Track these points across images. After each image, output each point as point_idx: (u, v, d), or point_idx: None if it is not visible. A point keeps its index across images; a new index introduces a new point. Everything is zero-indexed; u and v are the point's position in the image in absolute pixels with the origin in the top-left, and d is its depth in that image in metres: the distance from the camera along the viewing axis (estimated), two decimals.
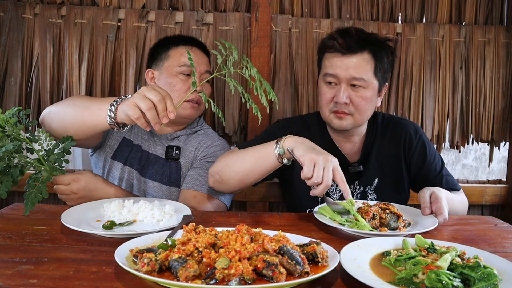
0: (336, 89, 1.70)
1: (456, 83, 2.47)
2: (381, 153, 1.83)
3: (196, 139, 1.95)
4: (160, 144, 1.91)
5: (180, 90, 1.86)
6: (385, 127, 1.87)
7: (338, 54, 1.69)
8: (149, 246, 1.07)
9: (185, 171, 1.88)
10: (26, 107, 2.37)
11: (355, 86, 1.69)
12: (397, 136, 1.84)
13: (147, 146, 1.91)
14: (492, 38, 2.46)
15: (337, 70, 1.68)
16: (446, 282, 0.89)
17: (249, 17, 2.38)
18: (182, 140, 1.93)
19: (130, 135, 1.92)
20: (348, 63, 1.68)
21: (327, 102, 1.74)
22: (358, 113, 1.72)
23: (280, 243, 0.98)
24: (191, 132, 1.97)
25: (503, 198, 2.53)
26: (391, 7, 2.47)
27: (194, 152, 1.91)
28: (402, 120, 1.93)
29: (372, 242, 1.17)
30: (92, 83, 2.37)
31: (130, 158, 1.88)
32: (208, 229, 1.09)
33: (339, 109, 1.71)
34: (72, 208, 1.43)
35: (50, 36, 2.34)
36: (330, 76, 1.70)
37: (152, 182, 1.86)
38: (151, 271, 0.90)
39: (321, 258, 1.00)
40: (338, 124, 1.73)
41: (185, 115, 1.88)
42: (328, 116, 1.76)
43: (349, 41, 1.68)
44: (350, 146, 1.86)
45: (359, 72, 1.67)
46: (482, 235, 1.40)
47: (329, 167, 1.34)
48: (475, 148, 3.29)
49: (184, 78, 1.87)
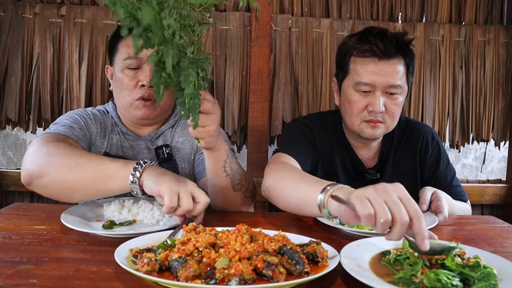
0: (370, 96, 1.55)
1: (456, 82, 2.48)
2: (397, 160, 1.74)
3: (184, 130, 1.74)
4: (146, 148, 1.70)
5: (128, 87, 1.58)
6: (401, 132, 1.77)
7: (374, 59, 1.53)
8: (149, 246, 1.07)
9: (183, 166, 1.72)
10: (26, 106, 2.37)
11: (391, 93, 1.55)
12: (414, 142, 1.75)
13: (132, 154, 1.69)
14: (492, 38, 2.46)
15: (374, 77, 1.52)
16: (445, 281, 0.89)
17: (249, 16, 2.38)
18: (168, 135, 1.73)
19: (110, 149, 1.69)
20: (386, 69, 1.52)
21: (359, 111, 1.57)
22: (390, 120, 1.60)
23: (280, 243, 0.98)
24: (174, 122, 1.76)
25: (503, 198, 2.53)
26: (391, 7, 2.47)
27: (190, 145, 1.73)
28: (419, 124, 1.82)
29: (372, 242, 1.17)
30: (92, 82, 2.37)
31: None
32: (208, 229, 1.09)
33: (374, 118, 1.56)
34: (72, 208, 1.42)
35: (50, 35, 2.34)
36: (365, 85, 1.54)
37: None
38: (151, 271, 0.90)
39: (321, 258, 0.99)
40: (371, 134, 1.59)
41: (139, 116, 1.61)
42: (358, 126, 1.60)
43: (388, 45, 1.52)
44: (367, 151, 1.75)
45: (396, 78, 1.53)
46: (482, 235, 1.39)
47: (392, 197, 0.93)
48: (475, 147, 3.29)
49: (132, 73, 1.58)
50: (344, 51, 1.63)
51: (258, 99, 2.37)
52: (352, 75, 1.58)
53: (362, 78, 1.54)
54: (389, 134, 1.74)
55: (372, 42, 1.53)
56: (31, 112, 2.38)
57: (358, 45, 1.56)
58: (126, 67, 1.59)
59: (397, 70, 1.53)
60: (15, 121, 2.37)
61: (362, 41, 1.55)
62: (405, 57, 1.56)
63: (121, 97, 1.63)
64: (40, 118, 2.39)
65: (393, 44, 1.52)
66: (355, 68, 1.57)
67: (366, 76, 1.53)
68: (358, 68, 1.56)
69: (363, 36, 1.57)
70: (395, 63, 1.53)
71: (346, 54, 1.61)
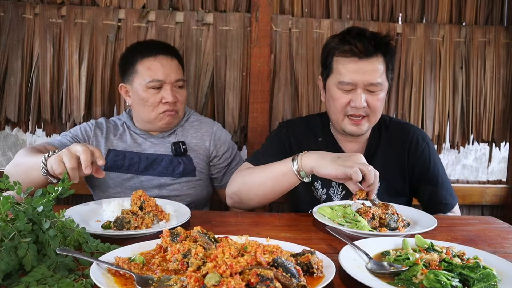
0: (352, 94, 1.65)
1: (457, 83, 2.47)
2: (385, 157, 1.78)
3: (197, 133, 1.97)
4: (158, 144, 1.93)
5: (153, 104, 1.86)
6: (390, 132, 1.83)
7: (354, 58, 1.63)
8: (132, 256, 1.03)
9: (198, 162, 1.93)
10: (26, 107, 2.37)
11: (371, 90, 1.65)
12: (402, 141, 1.80)
13: (144, 148, 1.93)
14: (492, 38, 2.45)
15: (355, 76, 1.63)
16: (445, 282, 0.89)
17: (249, 17, 2.38)
18: (179, 134, 1.96)
19: (117, 145, 1.93)
20: (365, 67, 1.63)
21: (342, 107, 1.68)
22: (373, 115, 1.69)
23: (273, 254, 0.92)
24: (182, 122, 2.00)
25: (503, 199, 2.53)
26: (391, 7, 2.47)
27: (204, 144, 1.96)
28: (408, 125, 1.90)
29: (372, 242, 1.17)
30: (92, 83, 2.37)
31: (127, 165, 1.88)
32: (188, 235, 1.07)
33: (356, 113, 1.67)
34: (72, 208, 1.43)
35: (50, 36, 2.34)
36: (347, 84, 1.65)
37: (163, 178, 1.88)
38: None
39: (316, 269, 0.96)
40: (354, 130, 1.70)
41: (164, 125, 1.91)
42: (342, 121, 1.71)
43: (367, 45, 1.62)
44: (355, 147, 1.82)
45: (376, 76, 1.63)
46: (482, 235, 1.39)
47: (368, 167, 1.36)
48: (475, 148, 3.29)
49: (155, 92, 1.85)
50: (327, 51, 1.73)
51: (258, 99, 2.37)
52: (335, 74, 1.68)
53: (344, 77, 1.65)
54: (376, 132, 1.82)
55: (351, 43, 1.62)
56: (30, 113, 2.38)
57: (339, 45, 1.66)
58: (150, 88, 1.84)
59: (377, 69, 1.64)
60: (15, 122, 2.37)
61: (342, 42, 1.65)
62: (385, 55, 1.66)
63: (145, 113, 1.89)
64: (39, 119, 2.39)
65: (371, 44, 1.62)
66: (337, 68, 1.67)
67: (347, 75, 1.64)
68: (340, 67, 1.66)
69: (343, 37, 1.67)
70: (374, 62, 1.63)
71: (329, 54, 1.71)
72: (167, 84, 1.85)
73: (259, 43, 2.34)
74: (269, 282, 0.83)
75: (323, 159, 1.42)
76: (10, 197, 1.02)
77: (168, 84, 1.85)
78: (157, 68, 1.84)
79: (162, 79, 1.84)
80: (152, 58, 1.85)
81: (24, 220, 1.00)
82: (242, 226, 1.43)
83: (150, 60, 1.85)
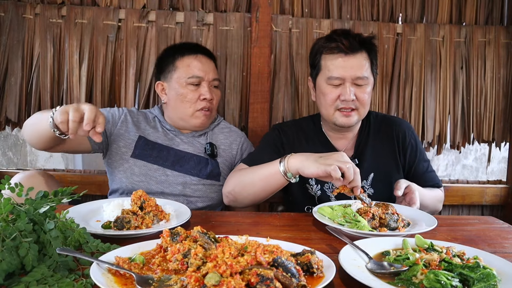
0: (341, 88, 1.76)
1: (457, 83, 2.47)
2: (375, 150, 1.89)
3: (227, 140, 2.04)
4: (188, 142, 1.98)
5: (191, 100, 1.93)
6: (378, 126, 1.94)
7: (341, 54, 1.75)
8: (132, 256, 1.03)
9: (223, 168, 1.98)
10: (26, 107, 2.37)
11: (359, 84, 1.76)
12: (390, 133, 1.92)
13: (174, 143, 1.97)
14: (492, 38, 2.46)
15: (343, 71, 1.74)
16: (445, 282, 0.89)
17: (249, 17, 2.38)
18: (210, 137, 2.03)
19: (149, 135, 1.97)
20: (352, 62, 1.75)
21: (332, 101, 1.79)
22: (361, 107, 1.79)
23: (273, 254, 0.92)
24: (214, 126, 2.07)
25: (503, 199, 2.53)
26: (391, 7, 2.47)
27: (231, 151, 2.02)
28: (395, 118, 2.06)
29: (372, 242, 1.17)
30: (92, 83, 2.37)
31: (155, 156, 1.92)
32: (189, 236, 1.07)
33: (346, 106, 1.77)
34: (72, 208, 1.43)
35: (50, 36, 2.34)
36: (336, 79, 1.76)
37: (189, 177, 1.91)
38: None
39: (316, 269, 0.96)
40: (345, 122, 1.79)
41: (198, 124, 1.97)
42: (333, 115, 1.81)
43: (352, 42, 1.74)
44: (345, 143, 1.92)
45: (362, 70, 1.75)
46: (482, 235, 1.39)
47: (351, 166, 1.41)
48: (476, 148, 3.29)
49: (194, 88, 1.93)
50: (315, 51, 1.85)
51: (258, 99, 2.37)
52: (324, 72, 1.80)
53: (333, 73, 1.76)
54: (365, 127, 1.94)
55: (338, 40, 1.75)
56: (30, 113, 2.37)
57: (326, 44, 1.79)
58: (190, 84, 1.92)
59: (362, 63, 1.76)
60: (15, 122, 2.37)
61: (329, 40, 1.78)
62: (369, 52, 1.79)
63: (181, 109, 1.95)
64: None
65: (356, 41, 1.76)
66: (326, 65, 1.79)
67: (335, 70, 1.75)
68: (328, 64, 1.78)
69: (330, 36, 1.81)
70: (360, 57, 1.76)
71: (317, 53, 1.83)
72: (205, 82, 1.94)
73: (259, 43, 2.34)
74: (269, 282, 0.83)
75: (307, 160, 1.48)
76: (11, 199, 1.02)
77: (206, 81, 1.94)
78: (197, 66, 1.94)
79: (201, 76, 1.93)
80: (193, 56, 1.95)
81: (25, 220, 1.00)
82: (242, 226, 1.43)
83: (191, 58, 1.95)
